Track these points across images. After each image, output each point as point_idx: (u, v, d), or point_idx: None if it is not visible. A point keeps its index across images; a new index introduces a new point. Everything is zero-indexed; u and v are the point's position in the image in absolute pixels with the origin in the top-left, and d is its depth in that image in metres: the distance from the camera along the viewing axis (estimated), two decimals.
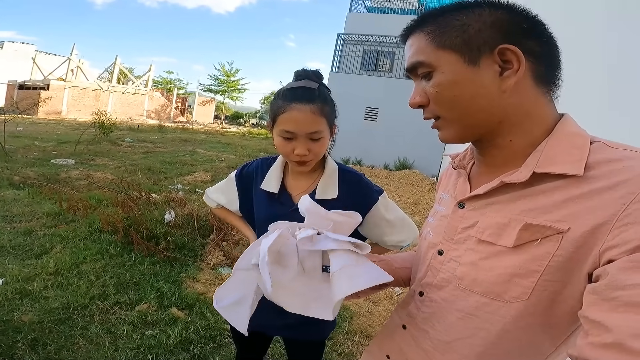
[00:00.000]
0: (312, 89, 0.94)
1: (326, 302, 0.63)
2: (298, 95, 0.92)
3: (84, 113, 21.79)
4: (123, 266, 2.82)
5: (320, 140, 0.95)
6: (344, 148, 10.86)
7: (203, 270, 2.95)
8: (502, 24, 0.51)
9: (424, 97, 0.57)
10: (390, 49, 12.01)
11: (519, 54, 0.50)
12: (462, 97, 0.53)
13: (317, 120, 0.92)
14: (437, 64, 0.54)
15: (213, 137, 16.83)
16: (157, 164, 7.61)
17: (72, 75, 24.97)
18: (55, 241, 3.16)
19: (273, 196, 1.05)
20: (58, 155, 7.48)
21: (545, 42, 0.53)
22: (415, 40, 0.57)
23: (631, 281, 0.39)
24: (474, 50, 0.52)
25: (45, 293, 2.35)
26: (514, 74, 0.51)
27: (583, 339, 0.42)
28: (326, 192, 1.01)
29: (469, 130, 0.57)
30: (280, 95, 0.96)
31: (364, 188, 1.05)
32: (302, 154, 0.94)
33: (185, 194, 5.18)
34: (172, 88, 35.09)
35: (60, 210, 3.81)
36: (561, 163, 0.49)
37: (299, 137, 0.93)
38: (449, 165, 0.77)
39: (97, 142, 9.57)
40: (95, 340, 1.96)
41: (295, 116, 0.91)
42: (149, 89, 28.63)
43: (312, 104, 0.91)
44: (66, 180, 5.36)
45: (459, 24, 0.53)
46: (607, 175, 0.46)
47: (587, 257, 0.45)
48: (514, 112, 0.53)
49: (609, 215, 0.44)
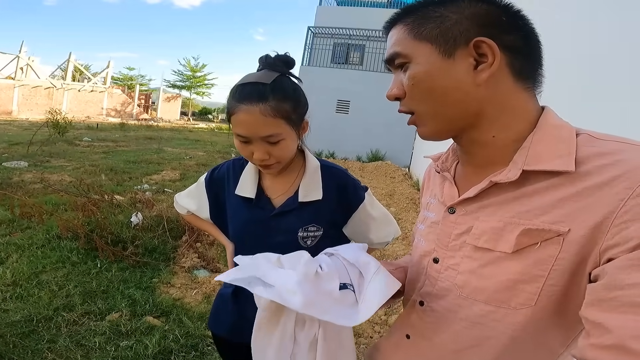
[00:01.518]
0: (263, 85, 0.79)
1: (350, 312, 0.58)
2: (246, 94, 0.79)
3: (36, 112, 20.35)
4: (88, 274, 2.62)
5: (280, 143, 0.82)
6: (317, 141, 10.82)
7: (177, 274, 2.80)
8: (480, 16, 0.50)
9: (401, 90, 0.56)
10: (360, 42, 12.07)
11: (494, 48, 0.49)
12: (436, 89, 0.52)
13: (269, 123, 0.79)
14: (413, 55, 0.53)
15: (180, 133, 16.25)
16: (121, 164, 7.21)
17: (22, 74, 23.23)
18: (10, 250, 2.89)
19: (250, 201, 0.94)
20: (9, 157, 6.90)
21: (525, 37, 0.52)
22: (395, 31, 0.56)
23: (630, 280, 0.39)
24: (449, 42, 0.51)
25: (5, 305, 2.17)
26: (487, 68, 0.50)
27: (584, 339, 0.42)
28: (309, 194, 0.92)
29: (446, 124, 0.55)
30: (232, 92, 0.83)
31: (350, 186, 0.97)
32: (261, 158, 0.83)
33: (153, 194, 4.92)
34: (133, 84, 33.51)
35: (14, 216, 3.50)
36: (550, 159, 0.48)
37: (253, 141, 0.81)
38: (429, 167, 0.75)
39: (52, 143, 8.91)
40: (64, 353, 1.82)
41: (244, 119, 0.79)
42: (108, 86, 27.18)
43: (263, 103, 0.78)
44: (19, 184, 4.95)
45: (437, 15, 0.52)
46: (600, 170, 0.45)
47: (589, 257, 0.44)
48: (491, 105, 0.52)
49: (607, 212, 0.43)
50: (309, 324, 0.65)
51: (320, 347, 0.64)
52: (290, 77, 0.87)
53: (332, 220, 0.95)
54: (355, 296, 0.60)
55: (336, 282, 0.60)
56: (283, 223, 0.92)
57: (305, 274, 0.59)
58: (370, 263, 0.63)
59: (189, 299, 2.45)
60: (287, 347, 0.65)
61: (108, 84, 27.66)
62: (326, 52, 11.92)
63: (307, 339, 0.65)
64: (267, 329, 0.66)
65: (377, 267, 0.62)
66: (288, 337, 0.65)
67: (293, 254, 0.67)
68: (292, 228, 0.91)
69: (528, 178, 0.50)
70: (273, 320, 0.65)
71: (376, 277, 0.60)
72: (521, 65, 0.52)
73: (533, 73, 0.53)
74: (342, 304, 0.58)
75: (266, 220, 0.92)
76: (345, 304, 0.59)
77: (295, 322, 0.65)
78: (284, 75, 0.85)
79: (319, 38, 12.14)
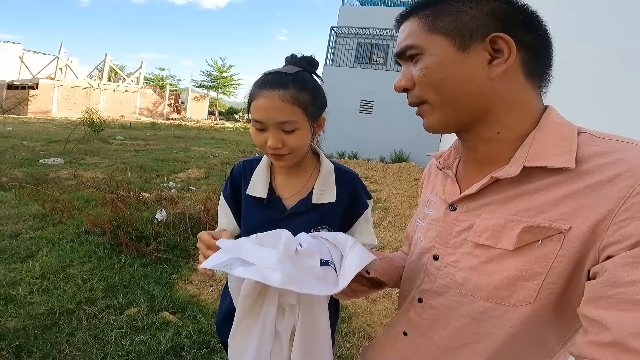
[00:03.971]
0: (286, 74, 0.83)
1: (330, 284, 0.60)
2: (269, 81, 0.82)
3: (74, 112, 21.49)
4: (112, 269, 2.72)
5: (295, 132, 0.83)
6: (340, 141, 10.82)
7: (196, 271, 2.86)
8: (499, 13, 0.51)
9: (410, 81, 0.56)
10: (384, 42, 11.91)
11: (511, 43, 0.50)
12: (448, 81, 0.53)
13: (287, 109, 0.81)
14: (426, 47, 0.53)
15: (207, 133, 16.67)
16: (149, 162, 7.48)
17: (61, 74, 24.61)
18: (41, 244, 3.05)
19: (261, 201, 0.94)
20: (47, 154, 7.32)
21: (539, 37, 0.53)
22: (409, 24, 0.56)
23: (630, 278, 0.39)
24: (465, 36, 0.51)
25: (31, 298, 2.27)
26: (503, 63, 0.51)
27: (582, 337, 0.42)
28: (323, 196, 0.92)
29: (454, 116, 0.55)
30: (256, 81, 0.86)
31: (359, 191, 0.98)
32: (274, 146, 0.83)
33: (178, 192, 5.07)
34: (164, 85, 34.71)
35: (47, 212, 3.70)
36: (551, 156, 0.49)
37: (269, 127, 0.83)
38: (430, 165, 0.76)
39: (87, 141, 9.38)
40: (82, 347, 1.88)
41: (263, 103, 0.81)
42: (141, 86, 28.30)
43: (283, 90, 0.81)
44: (55, 181, 5.23)
45: (454, 9, 0.52)
46: (600, 168, 0.45)
47: (588, 255, 0.45)
48: (501, 100, 0.53)
49: (608, 210, 0.43)
50: (289, 312, 0.66)
51: (297, 337, 0.64)
52: (312, 74, 0.89)
53: (341, 223, 0.96)
54: (336, 274, 0.61)
55: (317, 257, 0.62)
56: (295, 224, 0.92)
57: (285, 251, 0.60)
58: (347, 240, 0.65)
59: (205, 296, 2.50)
60: (268, 341, 0.65)
61: (141, 84, 28.80)
62: (349, 52, 11.84)
63: (287, 330, 0.65)
64: (248, 324, 0.66)
65: (353, 242, 0.64)
66: (269, 330, 0.65)
67: (272, 232, 0.67)
68: (304, 229, 0.91)
69: (529, 176, 0.50)
70: (254, 310, 0.66)
71: (352, 250, 0.62)
72: (533, 63, 0.53)
73: (543, 73, 0.54)
74: (323, 280, 0.59)
75: (278, 221, 0.92)
76: (327, 280, 0.60)
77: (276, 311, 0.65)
78: (306, 71, 0.87)
79: (342, 38, 12.07)
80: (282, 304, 0.66)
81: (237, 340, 0.67)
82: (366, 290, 0.75)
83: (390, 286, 0.76)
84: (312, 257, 0.62)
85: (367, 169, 8.99)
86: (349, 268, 0.60)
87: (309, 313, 0.65)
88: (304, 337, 0.65)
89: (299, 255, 0.62)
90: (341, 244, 0.66)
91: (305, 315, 0.65)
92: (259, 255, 0.60)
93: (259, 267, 0.58)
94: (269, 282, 0.55)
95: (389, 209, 5.27)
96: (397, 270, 0.75)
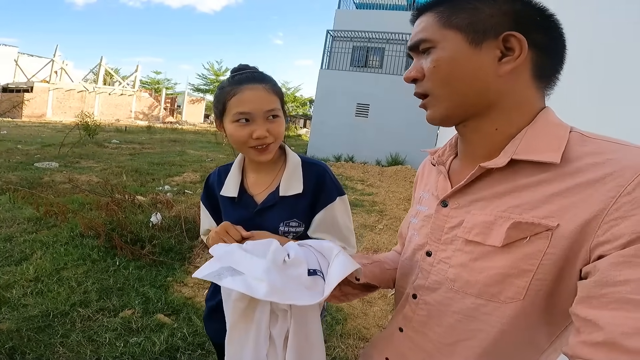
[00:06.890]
0: (257, 72, 0.93)
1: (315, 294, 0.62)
2: (246, 78, 0.90)
3: (69, 115, 21.34)
4: (106, 271, 2.72)
5: (278, 120, 0.91)
6: (335, 144, 10.84)
7: (191, 273, 2.84)
8: (516, 13, 0.52)
9: (420, 72, 0.57)
10: (380, 45, 11.97)
11: (523, 42, 0.51)
12: (457, 75, 0.53)
13: (272, 99, 0.90)
14: (439, 40, 0.54)
15: (203, 136, 16.62)
16: (145, 165, 7.45)
17: (57, 77, 24.46)
18: (35, 247, 3.04)
19: (233, 200, 0.98)
20: (42, 158, 7.28)
21: (553, 39, 0.53)
22: (424, 19, 0.57)
23: (622, 277, 0.39)
24: (479, 32, 0.52)
25: (24, 300, 2.26)
26: (512, 61, 0.51)
27: (575, 336, 0.42)
28: (290, 188, 0.94)
29: (458, 110, 0.56)
30: (227, 83, 0.92)
31: (327, 184, 0.98)
32: (262, 135, 0.87)
33: (173, 195, 5.06)
34: (160, 88, 34.63)
35: (42, 215, 3.68)
36: (539, 151, 0.49)
37: (256, 118, 0.88)
38: (425, 162, 0.77)
39: (82, 144, 9.33)
40: (76, 348, 1.88)
41: (250, 95, 0.87)
42: (137, 90, 28.21)
43: (264, 83, 0.90)
44: (49, 184, 5.20)
45: (470, 7, 0.53)
46: (591, 168, 0.46)
47: (578, 254, 0.45)
48: (505, 98, 0.53)
49: (598, 209, 0.43)
50: (282, 317, 0.67)
51: (290, 341, 0.66)
52: None
53: (311, 216, 0.96)
54: (324, 283, 0.63)
55: (304, 267, 0.63)
56: (266, 219, 0.94)
57: (273, 260, 0.62)
58: (332, 248, 0.67)
59: (200, 298, 2.50)
60: (263, 345, 0.66)
61: (136, 88, 28.70)
62: (345, 55, 11.91)
63: (280, 335, 0.67)
64: (242, 328, 0.67)
65: (338, 250, 0.66)
66: (263, 335, 0.66)
67: (262, 241, 0.70)
68: (274, 223, 0.94)
69: (519, 171, 0.51)
70: (247, 315, 0.67)
71: (336, 259, 0.64)
72: (543, 65, 0.53)
73: (551, 75, 0.55)
74: (310, 289, 0.61)
75: (250, 217, 0.94)
76: (314, 289, 0.61)
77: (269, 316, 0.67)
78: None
79: (338, 41, 12.12)
80: (275, 310, 0.67)
81: (234, 345, 0.69)
82: (358, 292, 0.76)
83: (382, 287, 0.77)
84: (299, 266, 0.64)
85: (363, 172, 9.01)
86: (332, 277, 0.61)
87: (300, 318, 0.67)
88: (297, 341, 0.66)
89: (286, 265, 0.64)
90: (327, 252, 0.68)
91: (297, 320, 0.67)
92: (247, 264, 0.63)
93: (247, 277, 0.60)
94: (253, 293, 0.57)
95: (384, 212, 5.28)
96: (388, 273, 0.75)
